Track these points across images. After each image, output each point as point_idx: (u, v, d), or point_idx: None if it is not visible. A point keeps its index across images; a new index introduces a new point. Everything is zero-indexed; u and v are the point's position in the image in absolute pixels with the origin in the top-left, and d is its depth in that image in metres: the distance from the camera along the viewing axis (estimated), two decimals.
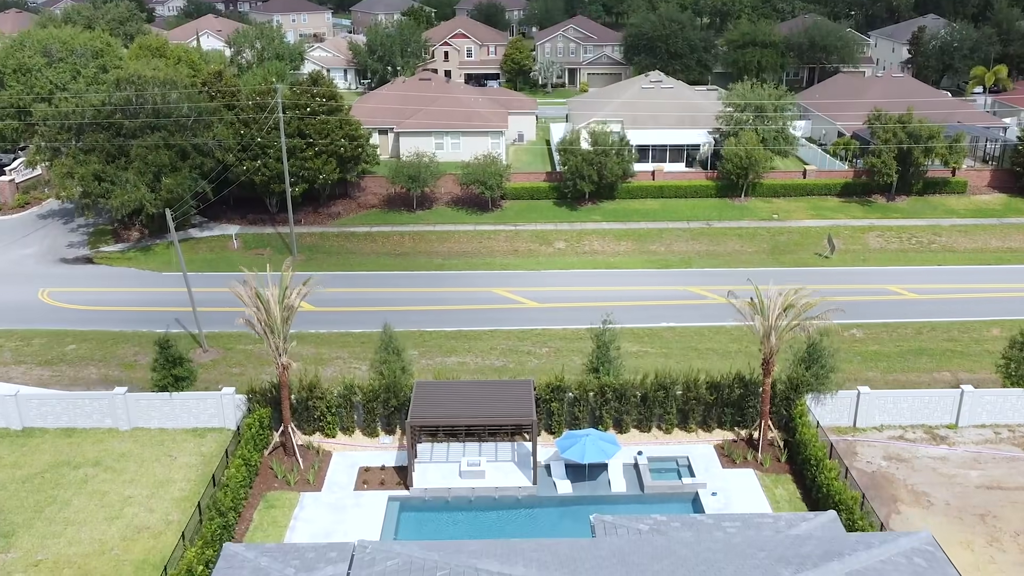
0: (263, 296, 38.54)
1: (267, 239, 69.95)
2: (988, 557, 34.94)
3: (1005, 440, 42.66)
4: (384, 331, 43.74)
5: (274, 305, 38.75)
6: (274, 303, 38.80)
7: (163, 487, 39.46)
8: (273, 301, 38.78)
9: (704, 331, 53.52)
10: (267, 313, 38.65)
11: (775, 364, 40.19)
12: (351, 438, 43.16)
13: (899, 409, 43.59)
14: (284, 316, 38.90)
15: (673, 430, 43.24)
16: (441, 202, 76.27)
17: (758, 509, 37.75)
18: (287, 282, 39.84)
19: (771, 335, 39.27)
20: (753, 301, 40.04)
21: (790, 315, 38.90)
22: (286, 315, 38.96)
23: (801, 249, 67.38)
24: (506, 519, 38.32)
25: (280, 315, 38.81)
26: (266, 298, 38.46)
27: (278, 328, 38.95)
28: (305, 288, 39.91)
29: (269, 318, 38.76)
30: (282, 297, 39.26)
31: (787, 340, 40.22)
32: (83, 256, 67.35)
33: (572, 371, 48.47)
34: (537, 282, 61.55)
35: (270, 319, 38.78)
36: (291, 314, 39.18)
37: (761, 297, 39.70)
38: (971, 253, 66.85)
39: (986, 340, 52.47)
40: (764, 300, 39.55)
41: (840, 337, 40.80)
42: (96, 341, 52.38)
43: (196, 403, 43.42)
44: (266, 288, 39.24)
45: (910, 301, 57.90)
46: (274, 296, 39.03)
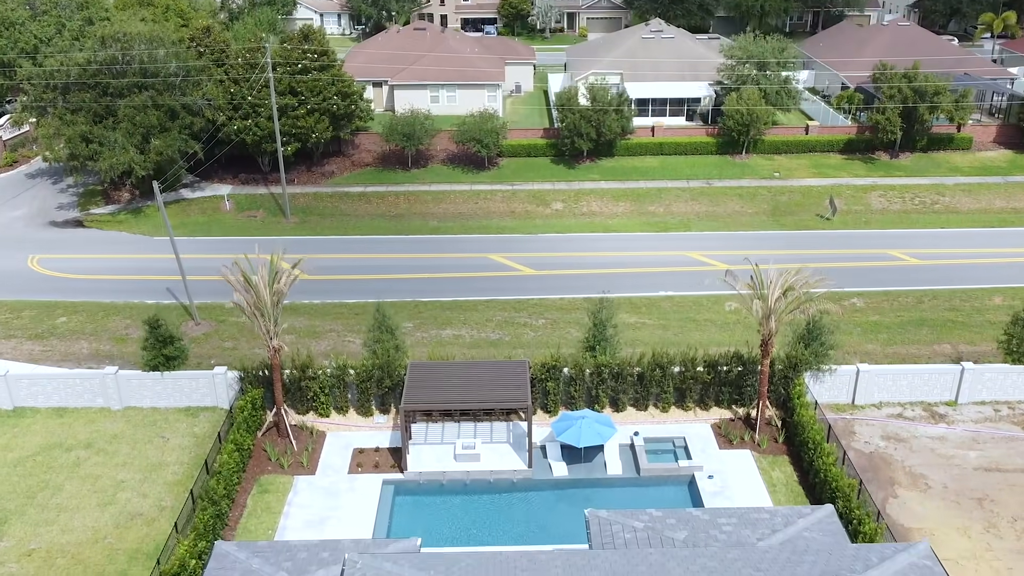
0: (252, 281, 37.72)
1: (260, 200, 68.82)
2: (985, 544, 34.80)
3: (1005, 418, 42.30)
4: (377, 310, 43.04)
5: (264, 289, 37.98)
6: (264, 287, 38.03)
7: (156, 471, 39.18)
8: (263, 285, 38.01)
9: (703, 301, 52.83)
10: (257, 297, 37.90)
11: (774, 345, 39.60)
12: (345, 417, 42.79)
13: (898, 386, 43.16)
14: (274, 300, 38.16)
15: (670, 408, 42.85)
16: (437, 159, 74.93)
17: (755, 493, 37.55)
18: (277, 266, 39.00)
19: (770, 317, 38.60)
20: (752, 282, 39.26)
21: (790, 297, 38.14)
22: (276, 299, 38.22)
23: (802, 210, 66.34)
24: (501, 503, 38.11)
25: (270, 299, 38.08)
26: (255, 283, 37.65)
27: (268, 312, 38.27)
28: (295, 272, 39.06)
29: (259, 302, 38.04)
30: (272, 281, 38.48)
31: (786, 321, 39.56)
32: (73, 219, 66.32)
33: (569, 344, 48.00)
34: (534, 247, 60.66)
35: (260, 303, 38.07)
36: (281, 298, 38.43)
37: (761, 277, 38.90)
38: (975, 214, 65.82)
39: (988, 309, 51.83)
40: (764, 280, 38.77)
41: (841, 307, 40.09)
42: (87, 313, 51.71)
43: (188, 382, 42.95)
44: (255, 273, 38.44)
45: (912, 267, 57.12)
46: (264, 279, 38.24)
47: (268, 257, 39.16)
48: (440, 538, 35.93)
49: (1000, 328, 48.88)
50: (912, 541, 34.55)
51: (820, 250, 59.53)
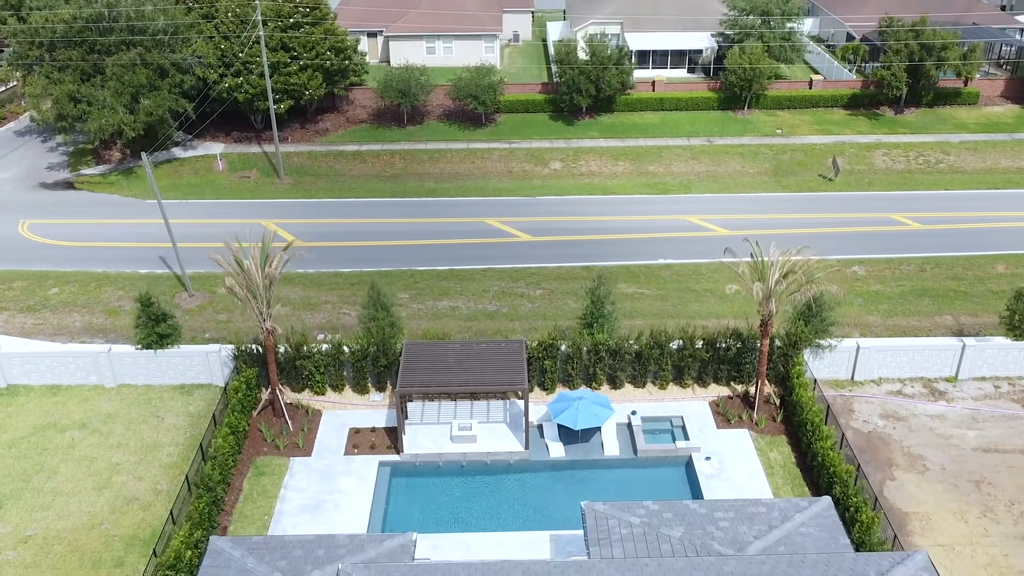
0: (244, 265, 37.05)
1: (253, 159, 67.67)
2: (982, 529, 34.78)
3: (1005, 395, 42.03)
4: (372, 287, 42.43)
5: (256, 272, 37.34)
6: (256, 270, 37.38)
7: (151, 452, 39.01)
8: (255, 267, 37.36)
9: (702, 269, 52.19)
10: (249, 280, 37.28)
11: (773, 326, 39.11)
12: (341, 395, 42.50)
13: (898, 362, 42.81)
14: (266, 283, 37.54)
15: (668, 385, 42.54)
16: (433, 115, 73.54)
17: (752, 475, 37.43)
18: (268, 249, 38.29)
19: (770, 299, 38.03)
20: (753, 260, 38.60)
21: (790, 279, 37.52)
22: (268, 282, 37.60)
23: (805, 170, 65.27)
24: (498, 486, 38.01)
25: (262, 282, 37.46)
26: (248, 267, 36.98)
27: (261, 294, 37.68)
28: (286, 255, 38.38)
29: (251, 285, 37.44)
30: (263, 263, 37.81)
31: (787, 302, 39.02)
32: (64, 180, 65.26)
33: (567, 315, 47.55)
34: (532, 211, 59.76)
35: (252, 286, 37.46)
36: (273, 281, 37.81)
37: (762, 257, 38.22)
38: (980, 174, 64.76)
39: (990, 278, 51.22)
40: (765, 261, 38.11)
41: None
42: (79, 284, 51.08)
43: (182, 360, 42.57)
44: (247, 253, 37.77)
45: (914, 233, 56.34)
46: (256, 261, 37.58)
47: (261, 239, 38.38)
48: (437, 522, 35.95)
49: (1002, 298, 48.49)
50: (910, 526, 34.71)
51: (822, 214, 58.70)
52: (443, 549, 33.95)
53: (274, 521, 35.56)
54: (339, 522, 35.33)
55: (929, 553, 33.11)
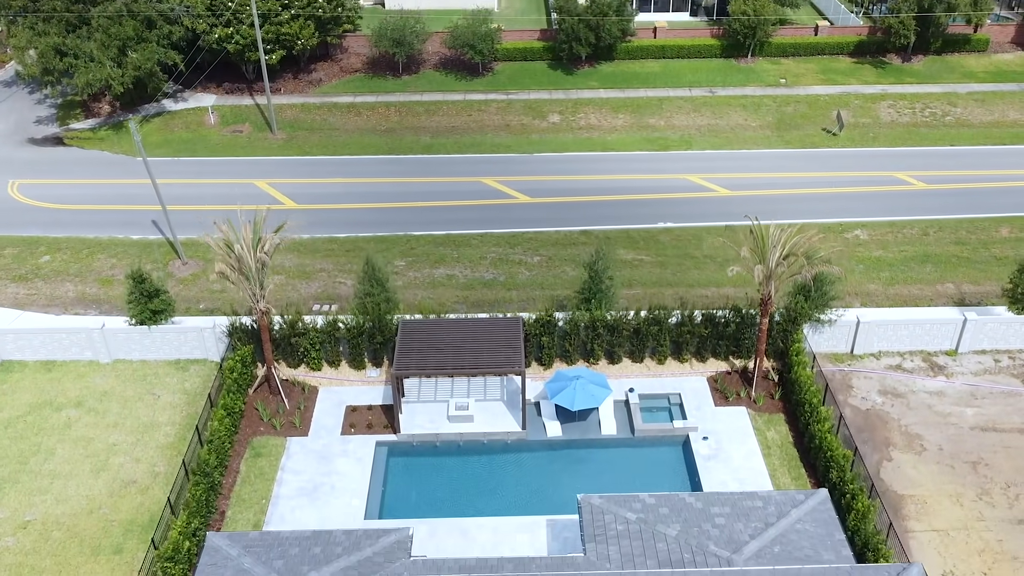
0: (236, 250, 36.39)
1: (245, 112, 66.26)
2: (977, 513, 34.89)
3: (1005, 370, 41.81)
4: (367, 263, 41.86)
5: (247, 252, 36.71)
6: (247, 251, 36.75)
7: (148, 432, 38.96)
8: (247, 250, 36.71)
9: (702, 234, 51.46)
10: (240, 263, 36.68)
11: (773, 305, 38.64)
12: (337, 371, 42.28)
13: (898, 336, 42.49)
14: (258, 265, 36.94)
15: (666, 360, 42.28)
16: (429, 64, 71.80)
17: (749, 456, 37.42)
18: (260, 229, 37.57)
19: (770, 279, 37.49)
20: (754, 237, 37.93)
21: (790, 260, 36.92)
22: (260, 264, 36.99)
23: (808, 123, 63.95)
24: (495, 466, 38.05)
25: (254, 264, 36.86)
26: (239, 252, 36.32)
27: (253, 277, 37.12)
28: (276, 238, 37.68)
29: (243, 267, 36.85)
30: (256, 244, 37.16)
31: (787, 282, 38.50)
32: (53, 135, 63.98)
33: (565, 284, 47.10)
34: (529, 170, 58.70)
35: (244, 268, 36.88)
36: (265, 264, 37.20)
37: (763, 236, 37.52)
38: (986, 128, 63.47)
39: (994, 243, 50.55)
40: (765, 239, 37.43)
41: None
42: (71, 251, 50.44)
43: (176, 336, 42.24)
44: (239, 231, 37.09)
45: (918, 193, 55.43)
46: (247, 242, 36.92)
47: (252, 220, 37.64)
48: (434, 506, 36.07)
49: (1005, 265, 48.05)
50: (905, 510, 34.83)
51: (825, 172, 57.69)
52: (440, 535, 34.13)
53: (271, 505, 35.67)
54: (336, 506, 35.46)
55: (924, 539, 33.47)
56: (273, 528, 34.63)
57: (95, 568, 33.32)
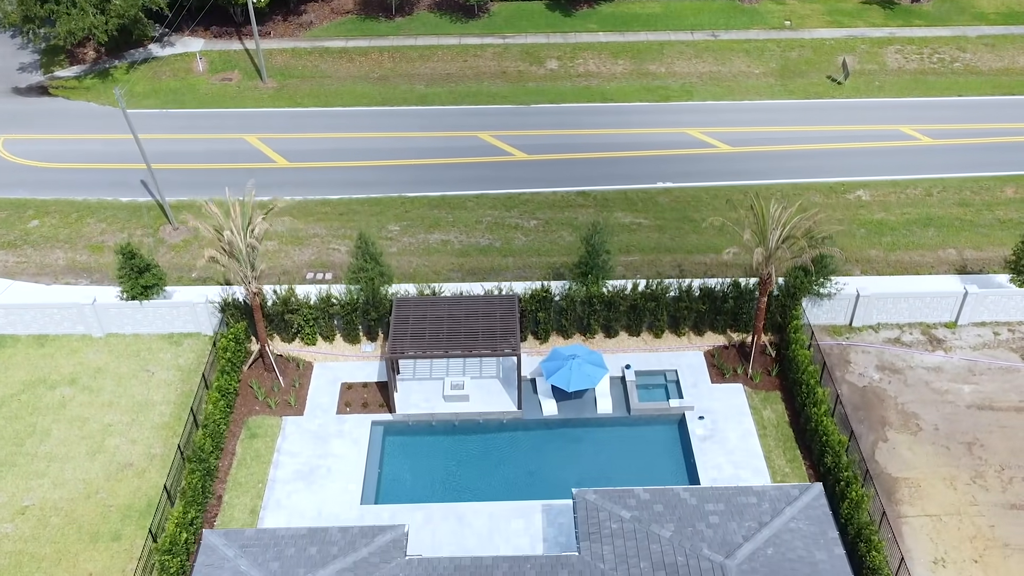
0: (225, 236, 35.67)
1: (234, 59, 64.38)
2: (970, 497, 35.06)
3: (1004, 343, 41.54)
4: (360, 238, 41.18)
5: (237, 235, 36.01)
6: (238, 233, 36.04)
7: (143, 412, 38.87)
8: (237, 232, 36.00)
9: (701, 195, 50.54)
10: (231, 247, 36.02)
11: (772, 285, 38.11)
12: (332, 346, 42.00)
13: (898, 309, 42.11)
14: (249, 248, 36.27)
15: (664, 334, 41.95)
16: (422, 5, 69.47)
17: (744, 437, 37.44)
18: (250, 210, 36.79)
19: (769, 260, 36.89)
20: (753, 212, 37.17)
21: (790, 243, 36.23)
22: (250, 248, 36.32)
23: (813, 71, 62.22)
24: (491, 447, 38.09)
25: (245, 247, 36.19)
26: (228, 238, 35.61)
27: (244, 259, 36.50)
28: (266, 224, 36.91)
29: (234, 250, 36.20)
30: (246, 225, 36.44)
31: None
32: (37, 84, 62.32)
33: (561, 251, 46.49)
34: (526, 123, 57.30)
35: (235, 251, 36.23)
36: (255, 248, 36.53)
37: (763, 215, 36.75)
38: (995, 75, 61.77)
39: (998, 204, 49.70)
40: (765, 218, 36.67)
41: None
42: (60, 215, 49.58)
43: (169, 310, 41.82)
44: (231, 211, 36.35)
45: (923, 149, 54.25)
46: (237, 225, 36.19)
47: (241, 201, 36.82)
48: (430, 489, 36.25)
49: (1009, 229, 47.46)
50: (899, 494, 35.04)
51: (828, 126, 56.35)
52: (436, 521, 34.36)
53: (268, 489, 35.80)
54: (332, 490, 35.60)
55: (917, 524, 33.73)
56: (270, 513, 34.84)
57: (94, 555, 33.62)
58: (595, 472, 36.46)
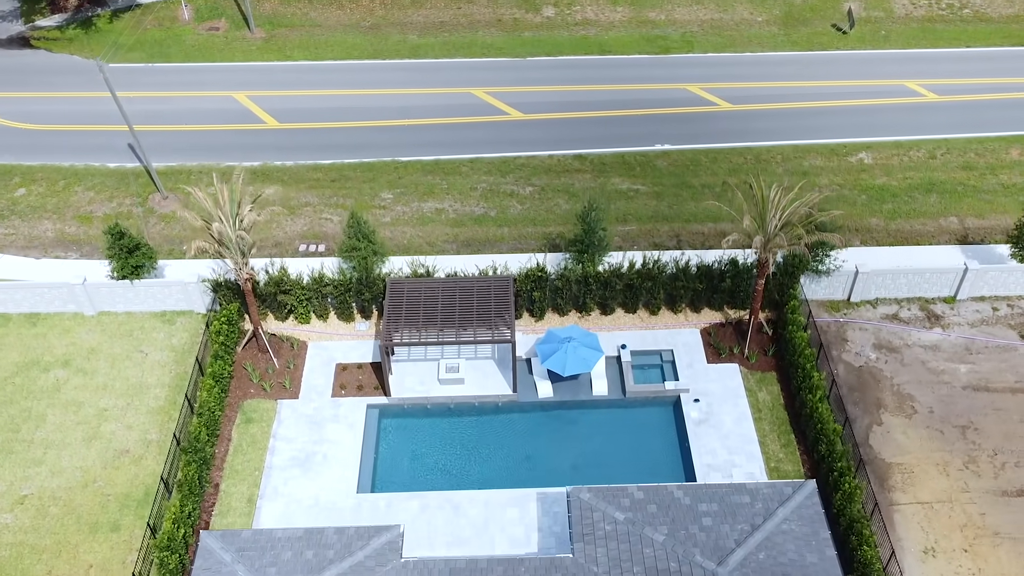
0: (214, 228, 35.00)
1: (221, 6, 62.36)
2: (962, 484, 35.27)
3: (1002, 319, 41.27)
4: (352, 217, 40.49)
5: (227, 227, 35.36)
6: (227, 224, 35.39)
7: (138, 395, 38.80)
8: (226, 222, 35.35)
9: (700, 158, 49.56)
10: (220, 237, 35.41)
11: (770, 267, 37.61)
12: (326, 324, 41.69)
13: (897, 284, 41.69)
14: (239, 239, 35.65)
15: (660, 311, 41.63)
16: None
17: (739, 420, 37.40)
18: (238, 196, 36.03)
19: (768, 244, 36.31)
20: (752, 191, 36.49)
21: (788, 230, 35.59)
22: (240, 238, 35.70)
23: (818, 18, 60.37)
24: (487, 430, 38.11)
25: (235, 236, 35.57)
26: (217, 229, 34.96)
27: (234, 247, 35.92)
28: (254, 215, 36.17)
29: (224, 239, 35.60)
30: (234, 213, 35.75)
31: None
32: (18, 35, 60.57)
33: (557, 219, 45.90)
34: (521, 78, 55.82)
35: (225, 240, 35.63)
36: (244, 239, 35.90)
37: (762, 199, 36.03)
38: (1006, 23, 59.96)
39: (1003, 167, 48.80)
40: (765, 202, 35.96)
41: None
42: (46, 183, 48.67)
43: (160, 290, 41.39)
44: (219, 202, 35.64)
45: (929, 106, 53.00)
46: (225, 213, 35.52)
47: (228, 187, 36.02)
48: (426, 475, 36.44)
49: (1013, 195, 46.83)
50: (892, 480, 35.24)
51: (832, 81, 54.97)
52: (431, 510, 34.62)
53: (265, 477, 35.96)
54: (329, 478, 35.77)
55: (909, 512, 34.06)
56: (267, 503, 35.06)
57: (94, 547, 33.97)
58: (589, 458, 36.63)
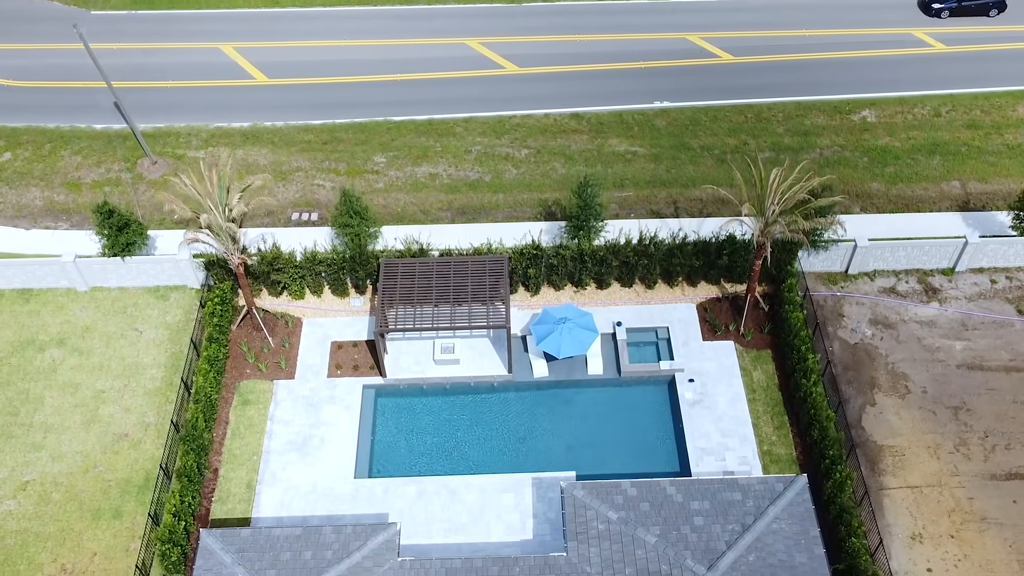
0: (202, 219, 34.44)
1: None
2: (952, 467, 35.67)
3: (1000, 292, 41.06)
4: (344, 194, 39.82)
5: (217, 215, 34.81)
6: (216, 212, 34.84)
7: (134, 376, 38.88)
8: (215, 210, 34.78)
9: (700, 116, 48.48)
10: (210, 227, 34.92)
11: (767, 249, 37.15)
12: (320, 300, 41.48)
13: (896, 257, 41.34)
14: (229, 228, 35.13)
15: (656, 285, 41.37)
16: None
17: (733, 402, 37.52)
18: (227, 182, 35.36)
19: (765, 228, 35.84)
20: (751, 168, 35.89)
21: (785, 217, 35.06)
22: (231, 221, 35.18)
23: None
24: (482, 410, 38.34)
25: (225, 224, 35.06)
26: (206, 221, 34.40)
27: (224, 236, 35.45)
28: (243, 206, 35.50)
29: (213, 227, 35.11)
30: (224, 201, 35.16)
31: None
32: None
33: (553, 185, 45.28)
34: (516, 25, 54.14)
35: (216, 227, 35.14)
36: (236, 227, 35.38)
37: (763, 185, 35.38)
38: None
39: (1008, 125, 47.80)
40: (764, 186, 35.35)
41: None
42: (32, 146, 47.70)
43: (153, 266, 41.04)
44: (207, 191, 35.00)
45: (937, 57, 51.54)
46: (214, 201, 34.93)
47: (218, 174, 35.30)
48: (423, 459, 36.85)
49: (1017, 156, 46.11)
50: (883, 464, 35.69)
51: (840, 29, 53.35)
52: (428, 496, 35.07)
53: (263, 462, 36.28)
54: (326, 463, 36.11)
55: (898, 496, 34.61)
56: (266, 488, 35.47)
57: (97, 534, 34.57)
58: (584, 440, 36.96)
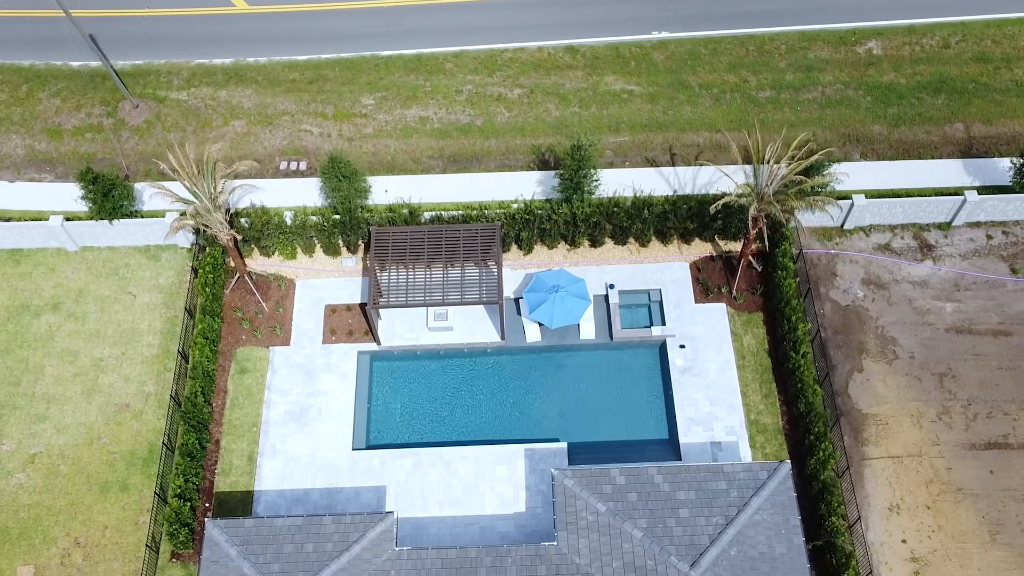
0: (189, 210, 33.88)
1: None
2: (933, 436, 36.66)
3: (995, 249, 40.89)
4: (331, 160, 38.94)
5: (205, 199, 34.29)
6: (204, 196, 34.30)
7: (131, 343, 39.30)
8: (204, 197, 34.24)
9: (699, 50, 46.62)
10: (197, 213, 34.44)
11: (763, 222, 36.76)
12: (312, 259, 41.32)
13: (892, 212, 40.93)
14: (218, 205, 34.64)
15: (650, 243, 41.12)
16: None
17: (723, 369, 38.09)
18: (214, 167, 34.57)
19: (761, 204, 35.36)
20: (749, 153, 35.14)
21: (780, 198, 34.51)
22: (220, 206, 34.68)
23: None
24: (476, 376, 39.02)
25: (213, 205, 34.56)
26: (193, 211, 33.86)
27: (214, 217, 35.00)
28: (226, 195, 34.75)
29: (203, 210, 34.65)
30: (212, 187, 34.53)
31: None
32: None
33: (547, 129, 44.38)
34: None
35: (203, 210, 34.68)
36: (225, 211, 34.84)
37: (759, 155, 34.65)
38: None
39: (1020, 58, 46.06)
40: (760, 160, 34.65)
41: (853, 58, 34.49)
42: (8, 87, 46.10)
43: (142, 228, 40.66)
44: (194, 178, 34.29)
45: None
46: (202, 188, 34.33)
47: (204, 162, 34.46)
48: (418, 424, 37.90)
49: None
50: (866, 433, 36.83)
51: None
52: (424, 468, 36.25)
53: (263, 434, 37.19)
54: (324, 434, 37.09)
55: (879, 467, 36.00)
56: (267, 460, 36.59)
57: (106, 507, 35.97)
58: (575, 407, 37.89)
